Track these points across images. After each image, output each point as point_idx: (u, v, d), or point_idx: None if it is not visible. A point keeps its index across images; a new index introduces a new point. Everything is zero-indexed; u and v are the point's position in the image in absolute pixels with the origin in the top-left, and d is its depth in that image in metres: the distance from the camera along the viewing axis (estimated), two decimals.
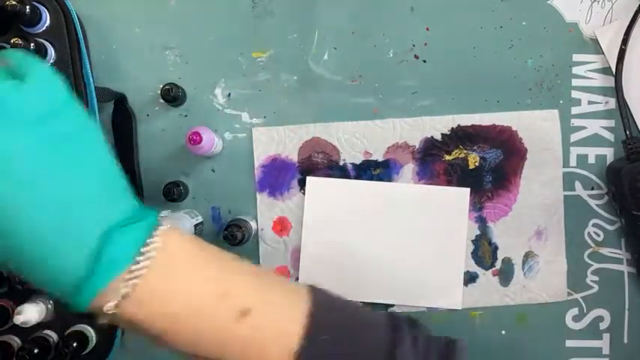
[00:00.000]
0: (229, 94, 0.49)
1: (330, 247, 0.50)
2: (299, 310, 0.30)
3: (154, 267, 0.27)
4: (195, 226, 0.47)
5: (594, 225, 0.50)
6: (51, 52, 0.45)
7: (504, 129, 0.50)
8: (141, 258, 0.27)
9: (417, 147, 0.50)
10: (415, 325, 0.33)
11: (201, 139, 0.45)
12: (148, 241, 0.27)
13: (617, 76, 0.48)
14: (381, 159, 0.50)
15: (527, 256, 0.50)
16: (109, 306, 0.26)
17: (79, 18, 0.46)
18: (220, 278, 0.29)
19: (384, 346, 0.30)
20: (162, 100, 0.48)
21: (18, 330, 0.45)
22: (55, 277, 0.26)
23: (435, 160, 0.50)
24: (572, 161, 0.50)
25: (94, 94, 0.46)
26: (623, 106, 0.48)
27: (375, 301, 0.50)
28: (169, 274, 0.28)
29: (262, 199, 0.50)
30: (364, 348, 0.30)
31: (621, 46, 0.48)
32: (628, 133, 0.48)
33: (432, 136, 0.50)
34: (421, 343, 0.31)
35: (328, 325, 0.30)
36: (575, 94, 0.50)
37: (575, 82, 0.50)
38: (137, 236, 0.27)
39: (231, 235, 0.45)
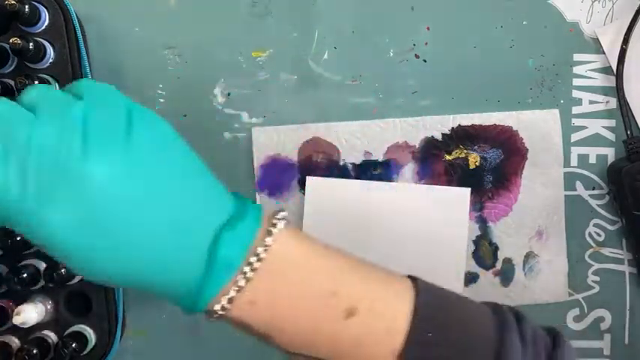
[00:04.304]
0: (229, 94, 0.49)
1: None
2: (403, 305, 0.29)
3: (262, 269, 0.26)
4: None
5: (595, 225, 0.50)
6: (50, 51, 0.44)
7: (505, 129, 0.50)
8: (251, 259, 0.26)
9: (417, 147, 0.50)
10: (521, 319, 0.31)
11: None
12: (254, 241, 0.27)
13: (618, 75, 0.48)
14: (381, 159, 0.50)
15: (528, 256, 0.50)
16: (217, 308, 0.26)
17: (78, 17, 0.46)
18: (327, 278, 0.28)
19: (491, 347, 0.28)
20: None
21: (17, 330, 0.45)
22: (173, 287, 0.26)
23: (436, 160, 0.50)
24: (573, 161, 0.50)
25: None
26: (624, 106, 0.48)
27: None
28: (277, 277, 0.27)
29: (262, 199, 0.50)
30: (470, 349, 0.29)
31: (622, 46, 0.48)
32: (629, 132, 0.48)
33: (432, 136, 0.50)
34: (529, 342, 0.29)
35: (433, 322, 0.29)
36: (575, 93, 0.50)
37: (575, 81, 0.50)
38: (244, 236, 0.27)
39: None
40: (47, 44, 0.44)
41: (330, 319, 0.27)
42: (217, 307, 0.26)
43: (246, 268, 0.26)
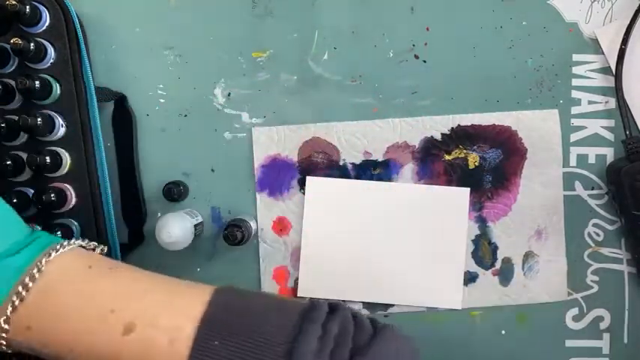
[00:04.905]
0: (229, 94, 0.50)
1: (330, 247, 0.50)
2: (190, 317, 0.29)
3: (34, 289, 0.27)
4: (195, 226, 0.47)
5: (594, 225, 0.50)
6: (51, 52, 0.45)
7: (504, 129, 0.50)
8: (26, 280, 0.27)
9: (417, 147, 0.50)
10: (335, 310, 0.31)
11: None
12: (31, 264, 0.28)
13: (617, 75, 0.48)
14: (381, 159, 0.50)
15: (527, 255, 0.50)
16: None
17: (78, 18, 0.46)
18: (106, 297, 0.29)
19: (285, 340, 0.28)
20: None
21: None
22: None
23: (435, 160, 0.50)
24: (572, 161, 0.50)
25: (94, 94, 0.46)
26: (623, 106, 0.48)
27: (374, 301, 0.50)
28: (50, 298, 0.28)
29: (262, 199, 0.50)
30: (260, 347, 0.28)
31: (621, 46, 0.48)
32: (628, 132, 0.48)
33: (432, 136, 0.50)
34: (334, 331, 0.29)
35: (221, 329, 0.28)
36: (575, 93, 0.50)
37: (575, 81, 0.50)
38: (22, 261, 0.28)
39: (231, 235, 0.45)
40: (48, 44, 0.44)
41: (107, 337, 0.28)
42: None
43: (20, 288, 0.27)
